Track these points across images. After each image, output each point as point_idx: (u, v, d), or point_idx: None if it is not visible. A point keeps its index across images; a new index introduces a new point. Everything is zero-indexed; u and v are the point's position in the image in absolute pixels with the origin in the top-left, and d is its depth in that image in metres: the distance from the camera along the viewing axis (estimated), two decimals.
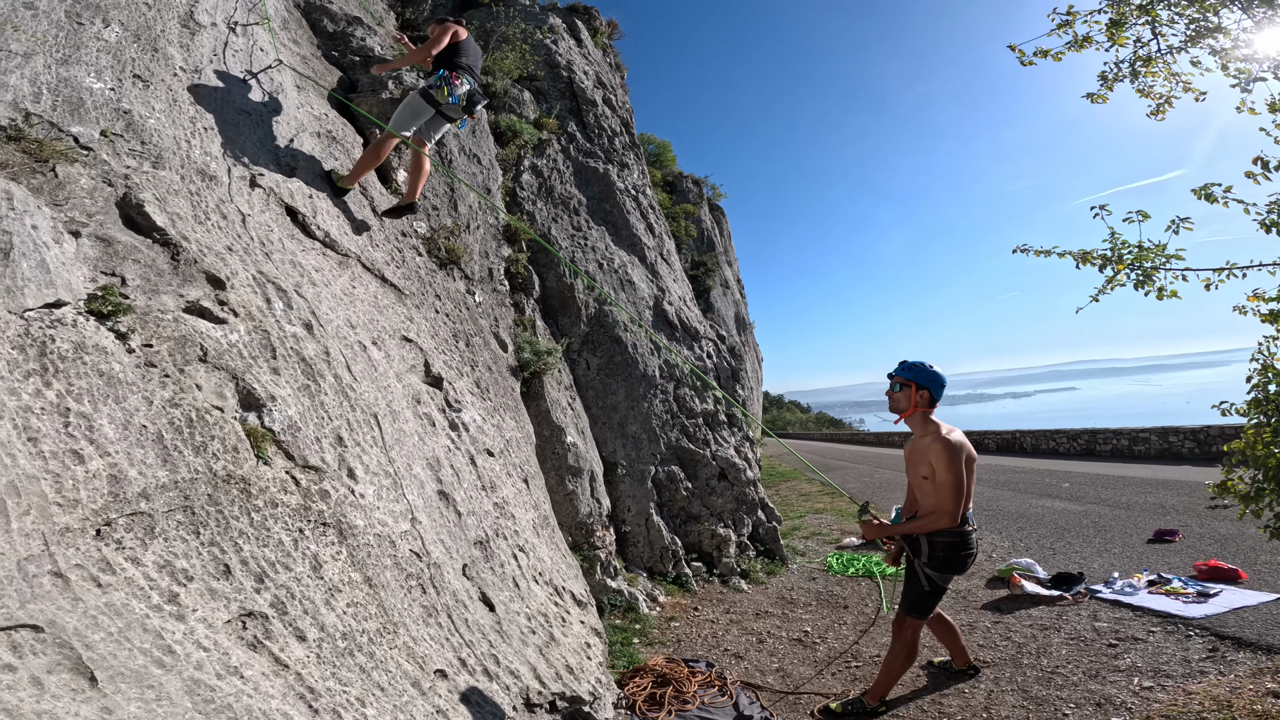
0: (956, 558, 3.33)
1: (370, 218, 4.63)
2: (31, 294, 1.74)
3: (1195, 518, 7.87)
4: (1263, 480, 2.81)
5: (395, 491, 2.81)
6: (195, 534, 1.74)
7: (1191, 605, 4.59)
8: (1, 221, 1.76)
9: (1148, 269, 3.46)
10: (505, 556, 3.50)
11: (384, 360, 3.57)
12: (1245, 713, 2.99)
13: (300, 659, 1.77)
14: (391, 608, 2.34)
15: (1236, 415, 3.22)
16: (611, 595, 5.02)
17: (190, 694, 1.41)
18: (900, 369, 3.53)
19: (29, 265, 1.77)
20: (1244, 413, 3.17)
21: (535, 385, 5.87)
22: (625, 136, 8.95)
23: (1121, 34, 3.47)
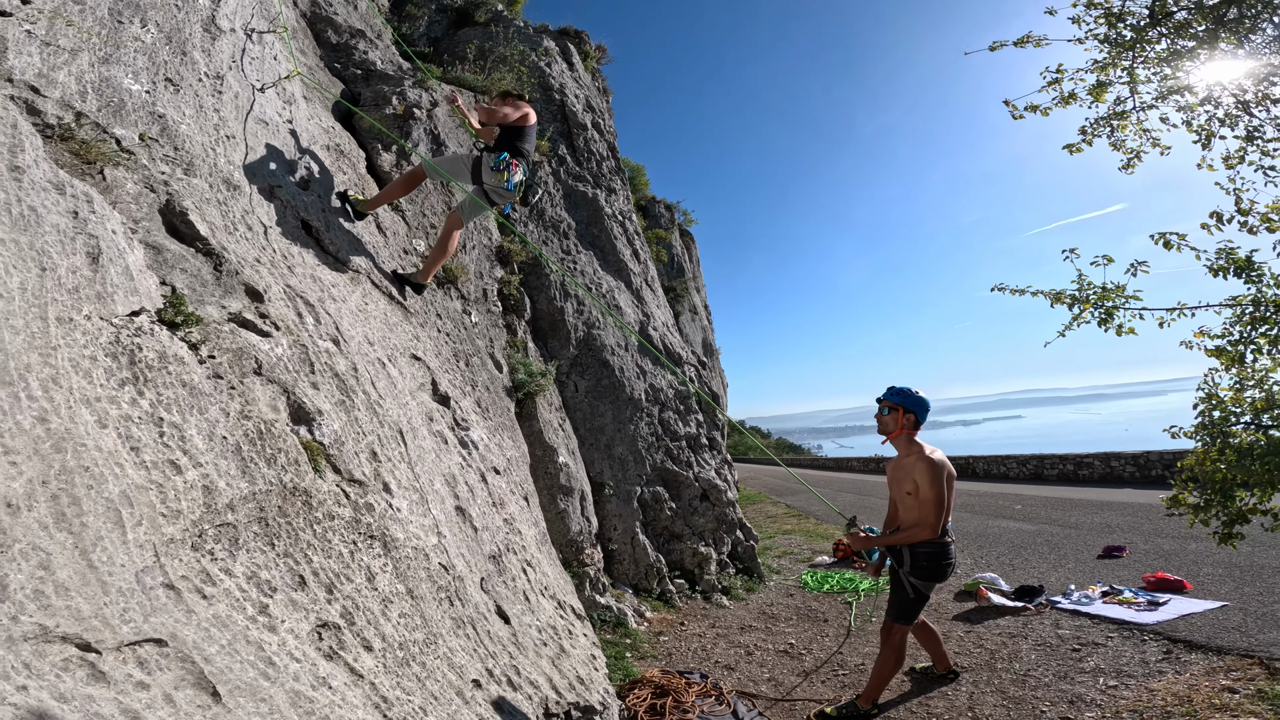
0: (938, 566, 3.59)
1: (375, 235, 4.72)
2: (120, 300, 1.81)
3: (1140, 535, 8.40)
4: (1209, 493, 3.16)
5: (423, 506, 2.91)
6: (271, 545, 1.83)
7: (1143, 613, 4.96)
8: (87, 225, 1.84)
9: (1109, 308, 3.83)
10: (516, 571, 3.61)
11: (399, 378, 3.67)
12: (1205, 706, 3.30)
13: (371, 669, 1.87)
14: (430, 619, 2.44)
15: (1185, 438, 3.60)
16: (601, 611, 5.12)
17: (294, 706, 1.50)
18: (888, 394, 3.81)
19: (116, 271, 1.85)
20: (1191, 436, 3.55)
21: (528, 406, 5.98)
22: (612, 161, 9.16)
23: (1103, 93, 3.89)
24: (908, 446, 3.71)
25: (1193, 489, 3.36)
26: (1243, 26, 3.72)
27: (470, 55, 7.79)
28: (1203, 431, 3.48)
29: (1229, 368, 3.55)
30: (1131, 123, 4.07)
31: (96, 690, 1.09)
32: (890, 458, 3.89)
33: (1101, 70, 4.04)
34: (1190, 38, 3.89)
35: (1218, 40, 3.79)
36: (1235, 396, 3.45)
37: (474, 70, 7.60)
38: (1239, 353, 3.48)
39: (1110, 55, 4.05)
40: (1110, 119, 4.12)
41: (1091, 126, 4.17)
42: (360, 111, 5.14)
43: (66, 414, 1.39)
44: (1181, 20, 3.94)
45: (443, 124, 6.11)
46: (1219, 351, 3.53)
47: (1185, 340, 3.76)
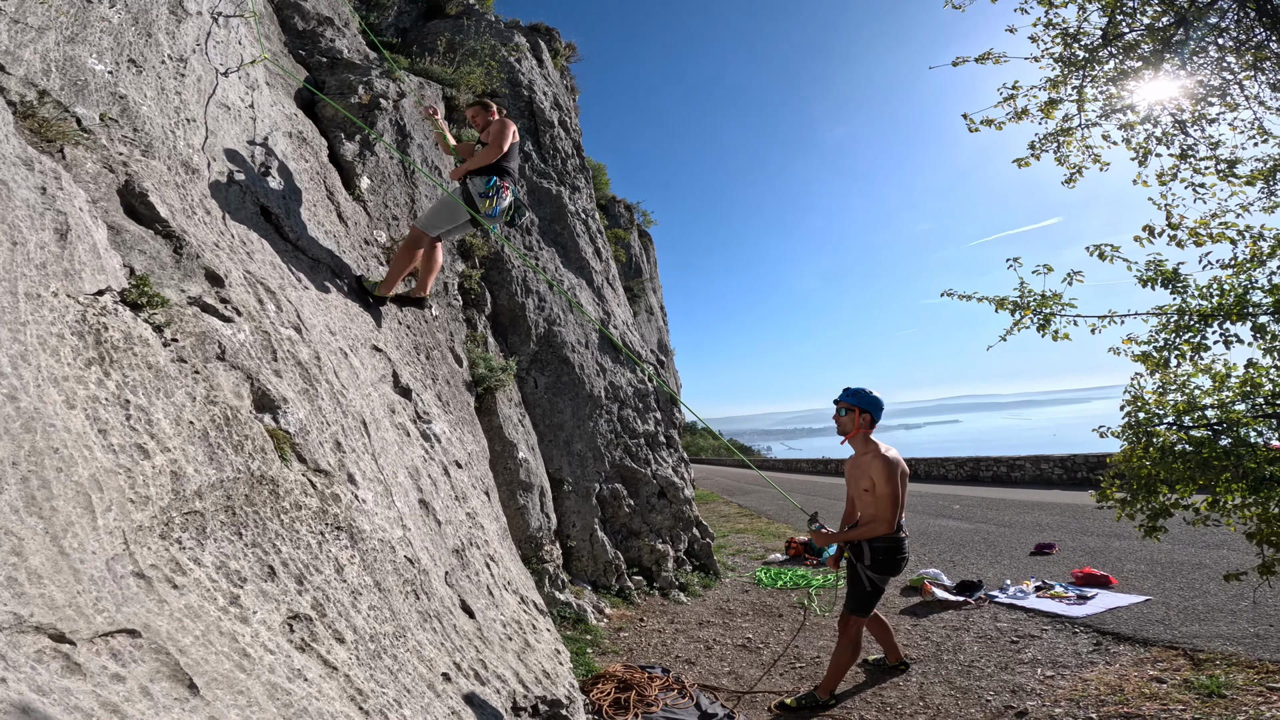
0: (893, 561, 3.73)
1: (336, 224, 4.59)
2: (88, 279, 1.71)
3: (1068, 534, 8.91)
4: (1135, 489, 3.38)
5: (388, 498, 2.84)
6: (239, 535, 1.76)
7: (1074, 606, 5.27)
8: (55, 201, 1.72)
9: (1047, 315, 4.05)
10: (479, 565, 3.56)
11: (361, 368, 3.57)
12: (1136, 695, 3.53)
13: (345, 661, 1.82)
14: (399, 612, 2.39)
15: (1113, 438, 3.84)
16: (561, 607, 5.10)
17: (272, 698, 1.44)
18: (845, 395, 3.94)
19: (84, 249, 1.74)
20: (1118, 435, 3.78)
21: (488, 401, 5.90)
22: (577, 159, 9.13)
23: (1054, 110, 4.11)
24: (864, 445, 3.85)
25: (1120, 485, 3.58)
26: (1188, 48, 4.00)
27: (440, 48, 7.64)
28: (1129, 431, 3.72)
29: (1153, 372, 3.78)
30: (1076, 139, 4.33)
31: (73, 683, 1.03)
32: (844, 459, 4.02)
33: (1053, 87, 4.27)
34: (1138, 58, 4.15)
35: (1163, 61, 4.06)
36: (1159, 399, 3.69)
37: (443, 63, 7.46)
38: (1163, 358, 3.72)
39: (1063, 73, 4.29)
40: (1057, 135, 4.37)
41: (1040, 141, 4.41)
42: (325, 98, 4.99)
43: (35, 393, 1.31)
44: (1131, 41, 4.20)
45: (409, 115, 5.98)
46: (1144, 357, 3.76)
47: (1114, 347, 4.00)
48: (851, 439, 3.90)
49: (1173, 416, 3.61)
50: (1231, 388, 3.50)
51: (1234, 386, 3.49)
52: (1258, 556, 3.27)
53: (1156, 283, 3.78)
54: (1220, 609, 4.72)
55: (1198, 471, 3.30)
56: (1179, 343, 3.66)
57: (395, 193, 5.70)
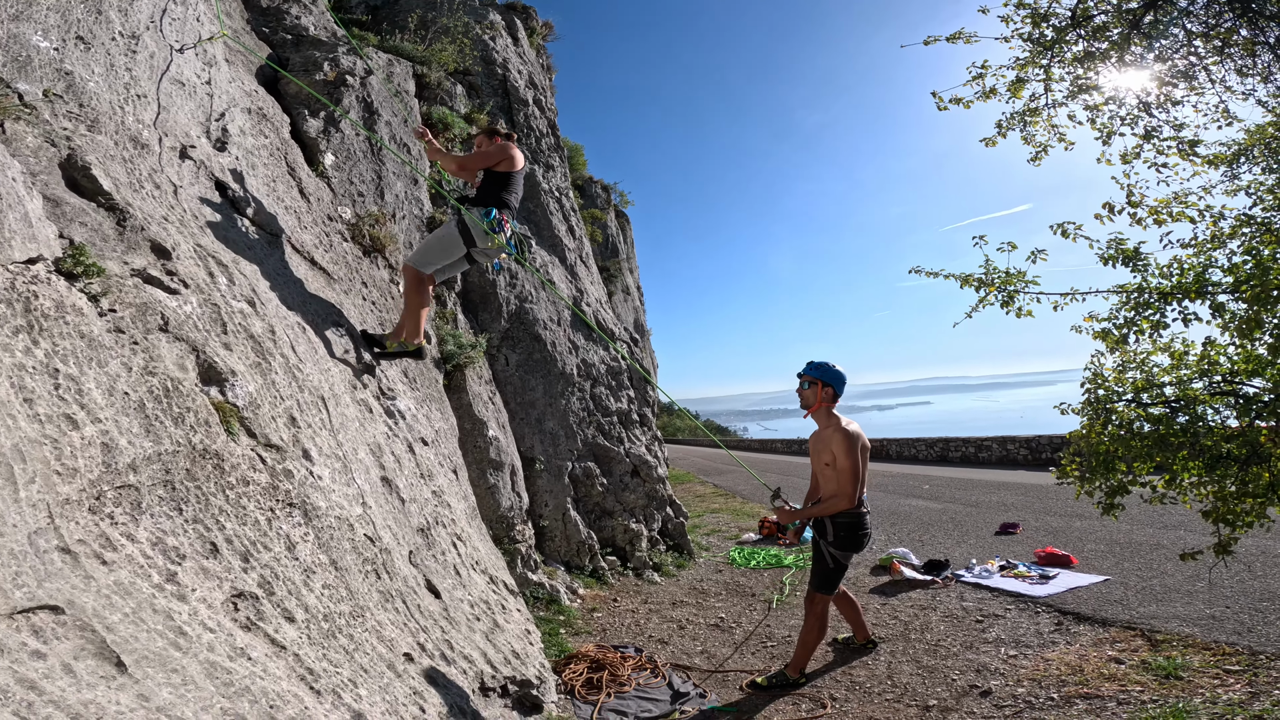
0: (855, 537, 3.73)
1: (298, 199, 4.41)
2: (18, 247, 1.58)
3: (1032, 513, 9.11)
4: (1094, 465, 3.41)
5: (346, 475, 2.73)
6: (179, 510, 1.65)
7: (1036, 586, 5.37)
8: None
9: (1011, 292, 4.05)
10: (445, 544, 3.47)
11: (321, 343, 3.44)
12: (1095, 676, 3.59)
13: (294, 640, 1.73)
14: (357, 591, 2.30)
15: (1073, 414, 3.86)
16: (533, 588, 5.05)
17: (210, 677, 1.36)
18: (808, 368, 3.91)
19: (14, 218, 1.60)
20: (1078, 412, 3.81)
21: (457, 378, 5.77)
22: (551, 139, 8.99)
23: (1021, 89, 4.07)
24: (826, 419, 3.83)
25: (1079, 463, 3.61)
26: (1156, 30, 3.99)
27: (411, 25, 7.37)
28: (1088, 408, 3.75)
29: (1112, 350, 3.80)
30: (1042, 119, 4.32)
31: None
32: None
33: (1022, 68, 4.25)
34: (1105, 39, 4.13)
35: (1130, 44, 4.04)
36: (1118, 377, 3.71)
37: (414, 40, 7.22)
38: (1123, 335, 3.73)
39: (1031, 53, 4.26)
40: (1024, 114, 4.35)
41: (1006, 120, 4.40)
42: (289, 75, 4.82)
43: None
44: (1099, 24, 4.18)
45: (376, 92, 5.79)
46: (1104, 334, 3.78)
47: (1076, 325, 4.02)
48: (814, 413, 3.88)
49: (1131, 394, 3.64)
50: (1189, 365, 3.53)
51: (1192, 364, 3.51)
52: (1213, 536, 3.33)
53: (1117, 261, 3.78)
54: (1177, 589, 4.84)
55: (1155, 449, 3.33)
56: (1139, 320, 3.67)
57: (361, 169, 5.54)
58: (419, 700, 2.29)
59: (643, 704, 3.56)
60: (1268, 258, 3.20)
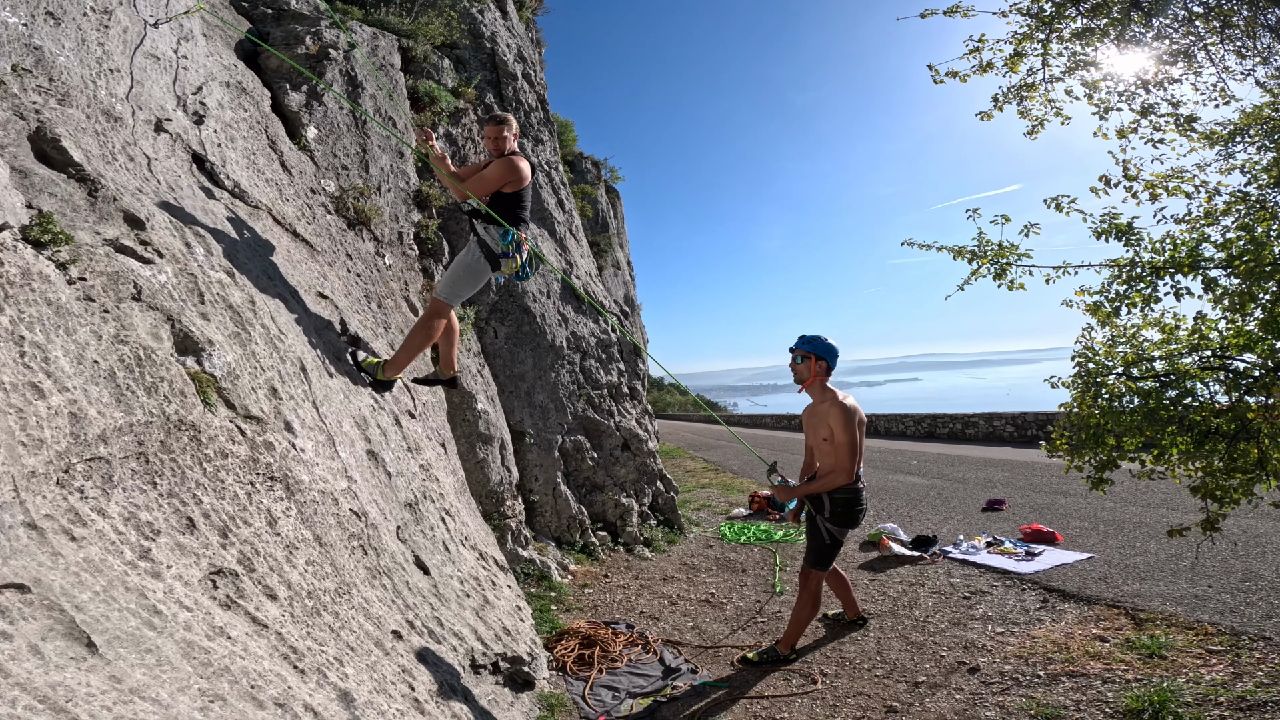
0: (851, 513, 3.71)
1: (279, 172, 4.29)
2: None
3: (1017, 490, 9.21)
4: (1084, 438, 3.39)
5: (330, 448, 2.65)
6: (153, 484, 1.56)
7: (1022, 563, 5.41)
8: None
9: (1004, 265, 4.00)
10: (434, 520, 3.41)
11: (304, 314, 3.33)
12: (1080, 653, 3.62)
13: (277, 618, 1.66)
14: (342, 567, 2.23)
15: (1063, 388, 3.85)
16: (524, 564, 5.02)
17: (187, 657, 1.29)
18: (800, 342, 3.85)
19: None
20: (1069, 386, 3.80)
21: None
22: (540, 113, 8.86)
23: (1018, 64, 3.97)
24: (822, 393, 3.78)
25: (1068, 436, 3.60)
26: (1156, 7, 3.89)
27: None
28: (1079, 381, 3.73)
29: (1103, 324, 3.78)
30: (1039, 93, 4.23)
31: None
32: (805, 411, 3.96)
33: (1019, 42, 4.15)
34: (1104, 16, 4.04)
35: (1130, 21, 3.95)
36: (1108, 350, 3.69)
37: (399, 14, 7.00)
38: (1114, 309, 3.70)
39: (1030, 28, 4.16)
40: (1021, 89, 4.26)
41: (1003, 94, 4.31)
42: (270, 49, 4.70)
43: None
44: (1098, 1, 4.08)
45: (360, 66, 5.62)
46: (1095, 307, 3.75)
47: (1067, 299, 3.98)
48: (809, 387, 3.83)
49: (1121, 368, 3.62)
50: (1180, 340, 3.50)
51: (1182, 339, 3.49)
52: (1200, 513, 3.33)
53: (1110, 235, 3.73)
54: (1160, 568, 4.89)
55: (1145, 423, 3.31)
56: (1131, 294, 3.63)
57: (345, 143, 5.41)
58: (408, 678, 2.24)
59: (634, 679, 3.56)
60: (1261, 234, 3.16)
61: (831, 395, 3.75)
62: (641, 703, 3.33)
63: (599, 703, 3.32)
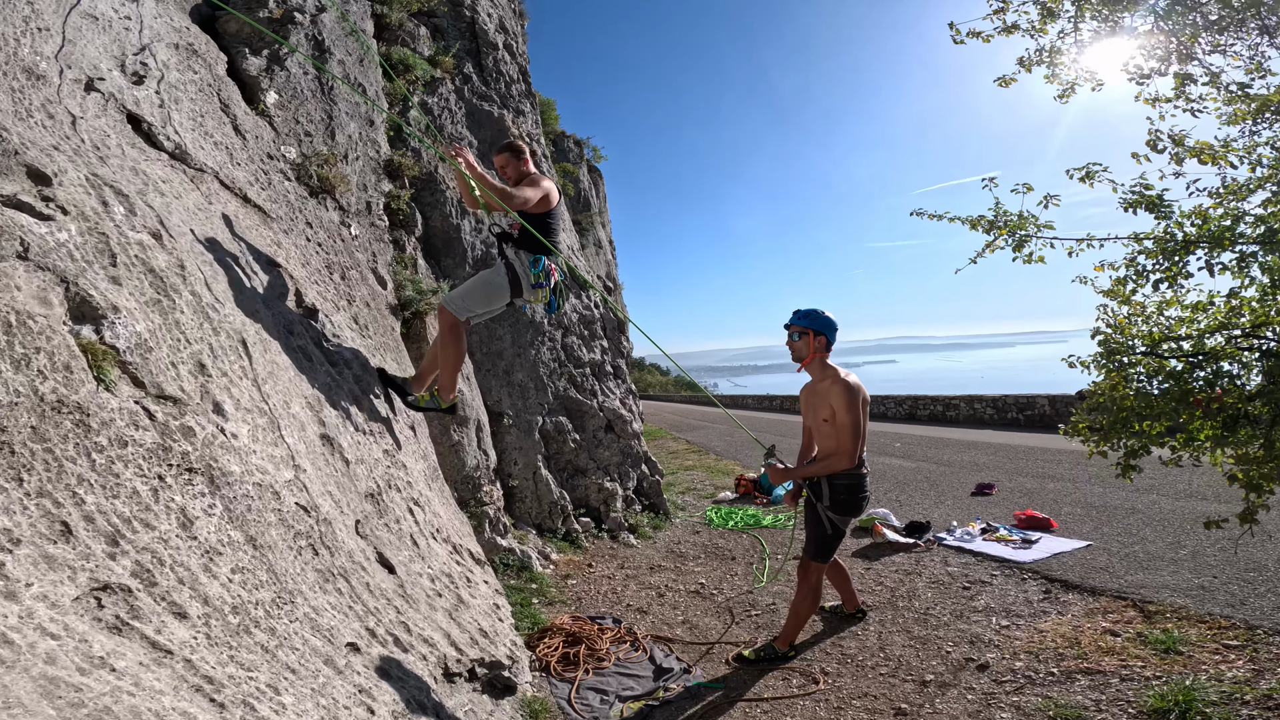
0: (854, 500, 3.45)
1: (231, 135, 3.88)
2: None
3: (1004, 474, 9.10)
4: (1113, 422, 3.16)
5: (273, 433, 2.28)
6: (17, 481, 1.21)
7: (1019, 551, 5.23)
8: None
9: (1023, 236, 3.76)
10: (400, 511, 3.07)
11: (249, 283, 2.94)
12: (1093, 649, 3.42)
13: (186, 641, 1.32)
14: (284, 573, 1.89)
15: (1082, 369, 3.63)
16: (503, 554, 4.70)
17: (48, 696, 0.96)
18: (796, 317, 3.56)
19: None
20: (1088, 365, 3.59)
21: (417, 326, 5.28)
22: (523, 85, 8.52)
23: (1047, 24, 3.69)
24: (822, 371, 3.51)
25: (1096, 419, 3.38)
26: None
27: None
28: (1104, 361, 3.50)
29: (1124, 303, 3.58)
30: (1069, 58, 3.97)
31: None
32: (791, 395, 3.67)
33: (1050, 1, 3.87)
34: None
35: None
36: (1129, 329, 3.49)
37: None
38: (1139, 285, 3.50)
39: None
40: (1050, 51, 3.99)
41: (1030, 56, 4.05)
42: (229, 9, 4.32)
43: None
44: None
45: (329, 30, 5.19)
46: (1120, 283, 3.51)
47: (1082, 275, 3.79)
48: (807, 365, 3.54)
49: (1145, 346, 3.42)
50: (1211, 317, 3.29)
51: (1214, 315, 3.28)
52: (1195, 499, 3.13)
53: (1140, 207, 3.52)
54: (1160, 557, 4.74)
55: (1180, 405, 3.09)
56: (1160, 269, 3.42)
57: (309, 109, 5.00)
58: (366, 700, 1.92)
59: (624, 681, 3.28)
60: None
61: (833, 373, 3.46)
62: (632, 706, 3.06)
63: (586, 707, 3.04)
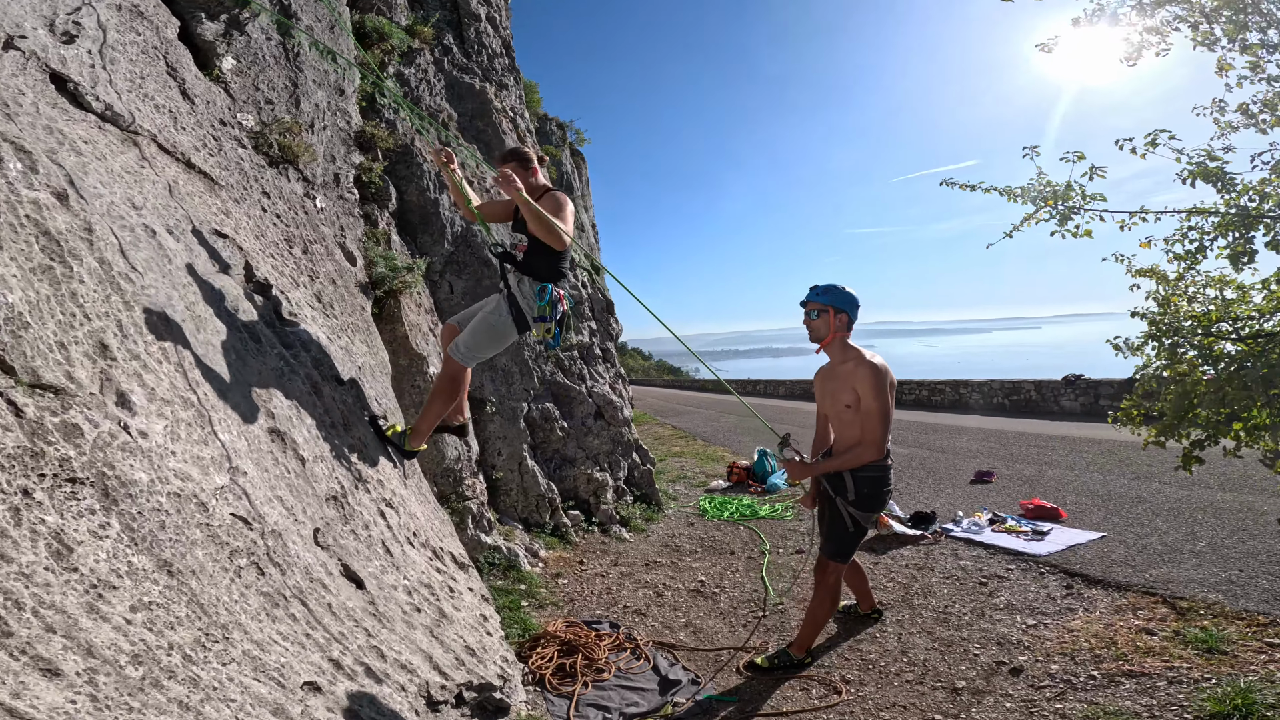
0: (879, 494, 3.13)
1: (178, 100, 3.42)
2: None
3: (1000, 461, 8.91)
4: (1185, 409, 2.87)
5: (202, 429, 1.88)
6: None
7: (1032, 543, 4.97)
8: None
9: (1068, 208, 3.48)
10: (370, 514, 2.67)
11: (184, 253, 2.50)
12: (1130, 649, 3.16)
13: (58, 708, 0.94)
14: (213, 603, 1.50)
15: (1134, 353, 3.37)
16: (488, 553, 4.33)
17: None
18: (814, 294, 3.21)
19: None
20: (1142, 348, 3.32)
21: (390, 306, 4.84)
22: (506, 59, 8.14)
23: None
24: (843, 352, 3.16)
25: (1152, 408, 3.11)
26: None
27: None
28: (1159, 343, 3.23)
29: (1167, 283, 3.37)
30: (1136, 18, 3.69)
31: None
32: (768, 380, 3.32)
33: None
34: None
35: None
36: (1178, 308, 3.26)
37: None
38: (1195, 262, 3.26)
39: None
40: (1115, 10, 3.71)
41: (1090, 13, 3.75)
42: None
43: None
44: None
45: None
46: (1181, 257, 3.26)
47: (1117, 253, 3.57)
48: (827, 345, 3.19)
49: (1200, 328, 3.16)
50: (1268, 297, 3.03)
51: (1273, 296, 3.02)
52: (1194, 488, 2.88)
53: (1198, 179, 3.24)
54: (1179, 549, 4.52)
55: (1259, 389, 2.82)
56: (1233, 244, 3.16)
57: (271, 75, 4.54)
58: None
59: (627, 695, 2.94)
60: None
61: (856, 353, 3.11)
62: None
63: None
